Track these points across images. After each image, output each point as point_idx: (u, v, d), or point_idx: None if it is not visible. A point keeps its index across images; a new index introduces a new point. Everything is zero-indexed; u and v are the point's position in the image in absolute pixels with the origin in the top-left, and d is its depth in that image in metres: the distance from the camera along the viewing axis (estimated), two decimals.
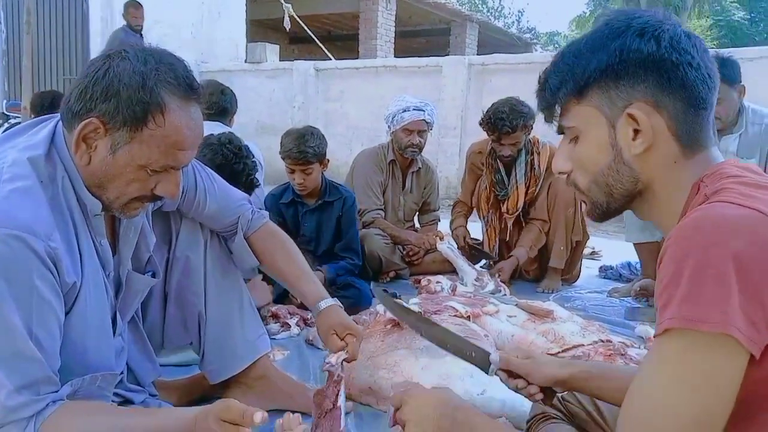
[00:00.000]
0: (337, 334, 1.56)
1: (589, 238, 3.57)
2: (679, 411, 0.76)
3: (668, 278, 0.77)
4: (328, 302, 1.62)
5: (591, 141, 0.95)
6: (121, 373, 1.42)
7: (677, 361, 0.77)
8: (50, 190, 1.18)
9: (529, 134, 3.32)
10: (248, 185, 2.49)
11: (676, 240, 0.78)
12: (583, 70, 0.92)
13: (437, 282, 2.90)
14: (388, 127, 3.56)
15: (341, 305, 1.65)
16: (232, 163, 2.36)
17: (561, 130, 1.00)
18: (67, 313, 1.20)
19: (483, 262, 3.69)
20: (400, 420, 1.12)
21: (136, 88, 1.14)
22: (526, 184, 3.39)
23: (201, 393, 1.83)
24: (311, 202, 3.02)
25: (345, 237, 3.03)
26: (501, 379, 1.30)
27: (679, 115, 0.89)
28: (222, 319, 1.69)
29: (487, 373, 1.29)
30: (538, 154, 3.38)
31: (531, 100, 3.98)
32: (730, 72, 2.78)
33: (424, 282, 2.98)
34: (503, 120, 3.18)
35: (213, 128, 3.08)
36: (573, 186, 1.01)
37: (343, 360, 1.52)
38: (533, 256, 3.46)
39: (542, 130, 1.97)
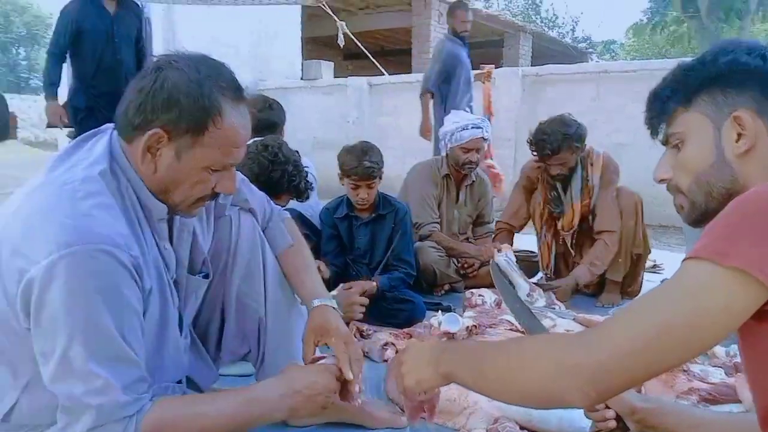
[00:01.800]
0: (315, 340, 1.57)
1: (650, 252, 3.46)
2: (663, 314, 0.84)
3: (712, 223, 0.86)
4: (323, 301, 1.62)
5: (696, 143, 1.03)
6: (179, 382, 1.47)
7: (686, 278, 0.85)
8: (120, 201, 1.24)
9: (581, 153, 3.22)
10: (297, 191, 2.43)
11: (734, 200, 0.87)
12: (695, 80, 1.02)
13: (480, 295, 2.87)
14: (444, 143, 3.55)
15: (335, 306, 1.63)
16: (269, 171, 2.31)
17: (666, 141, 1.09)
18: (144, 317, 1.27)
19: (540, 275, 3.64)
20: (398, 375, 1.18)
21: (195, 95, 1.21)
22: (581, 199, 3.30)
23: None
24: (365, 216, 3.05)
25: (398, 248, 3.03)
26: None
27: None
28: (281, 326, 1.69)
29: None
30: (592, 165, 3.28)
31: (585, 111, 3.95)
32: None
33: (467, 295, 2.95)
34: (544, 141, 3.11)
35: None
36: (674, 190, 1.09)
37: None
38: (599, 273, 3.28)
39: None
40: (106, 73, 4.45)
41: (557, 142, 3.09)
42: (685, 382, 1.91)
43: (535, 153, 3.23)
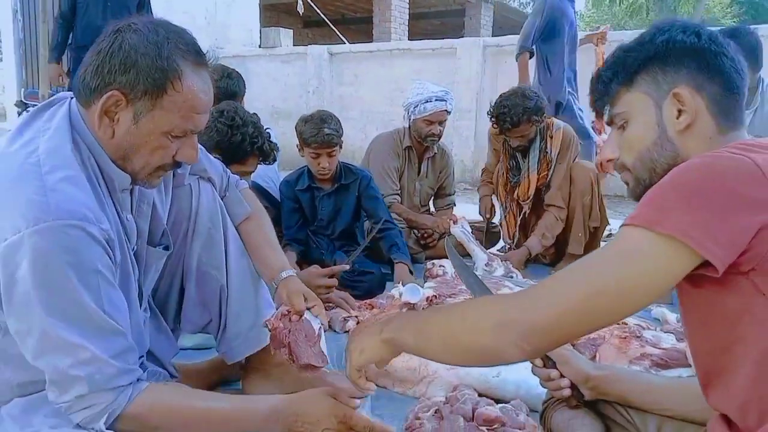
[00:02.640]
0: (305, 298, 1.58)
1: (608, 224, 3.54)
2: (597, 272, 0.89)
3: (648, 192, 0.91)
4: (289, 272, 1.63)
5: (639, 122, 1.07)
6: (141, 356, 1.45)
7: (621, 242, 0.90)
8: (84, 173, 1.21)
9: (540, 124, 3.27)
10: (262, 153, 2.34)
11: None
12: (633, 60, 1.06)
13: (440, 266, 2.90)
14: (408, 114, 3.53)
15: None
16: (230, 137, 2.24)
17: (611, 121, 1.13)
18: None
19: (502, 245, 3.69)
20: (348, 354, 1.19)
21: (153, 57, 1.18)
22: (538, 171, 3.36)
23: (219, 378, 1.85)
24: (327, 187, 3.03)
25: (371, 211, 3.05)
26: (533, 368, 1.32)
27: (716, 97, 1.02)
28: (242, 295, 1.68)
29: None
30: (551, 137, 3.33)
31: None
32: (745, 47, 2.74)
33: (428, 266, 2.99)
34: (504, 115, 3.15)
35: None
36: (620, 168, 1.12)
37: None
38: (549, 245, 3.41)
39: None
40: None
41: (517, 116, 3.12)
42: (638, 347, 1.98)
43: (495, 126, 3.26)
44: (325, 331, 1.61)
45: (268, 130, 2.45)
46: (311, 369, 1.51)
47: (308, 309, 1.56)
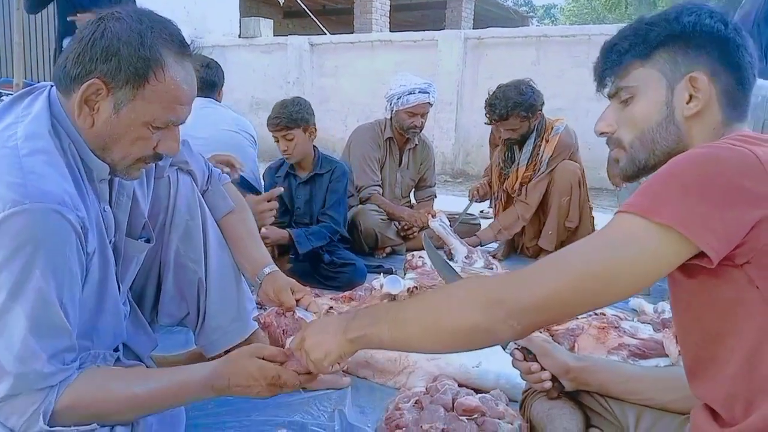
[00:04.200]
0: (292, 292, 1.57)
1: (594, 219, 3.52)
2: (589, 257, 0.89)
3: (647, 182, 0.89)
4: (273, 267, 1.63)
5: (648, 100, 1.03)
6: (116, 350, 1.43)
7: (615, 228, 0.89)
8: (64, 159, 1.19)
9: (535, 121, 3.27)
10: None
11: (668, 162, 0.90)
12: (657, 35, 1.01)
13: (420, 257, 2.91)
14: (391, 105, 3.52)
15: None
16: None
17: (613, 94, 1.08)
18: (84, 281, 1.22)
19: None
20: (301, 352, 1.15)
21: (135, 45, 1.15)
22: (526, 167, 3.37)
23: None
24: (303, 175, 3.03)
25: (327, 203, 3.02)
26: (514, 361, 1.32)
27: (729, 89, 1.00)
28: (222, 288, 1.66)
29: (504, 350, 1.32)
30: (547, 141, 3.33)
31: (527, 74, 3.89)
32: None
33: (408, 257, 2.99)
34: (494, 106, 3.17)
35: (204, 104, 3.05)
36: (615, 144, 1.09)
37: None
38: (504, 239, 3.48)
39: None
40: None
41: (505, 109, 3.14)
42: (616, 338, 2.00)
43: (486, 116, 3.27)
44: None
45: (248, 131, 2.49)
46: None
47: (297, 302, 1.55)
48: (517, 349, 1.31)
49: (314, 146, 3.03)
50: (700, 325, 0.95)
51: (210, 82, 3.35)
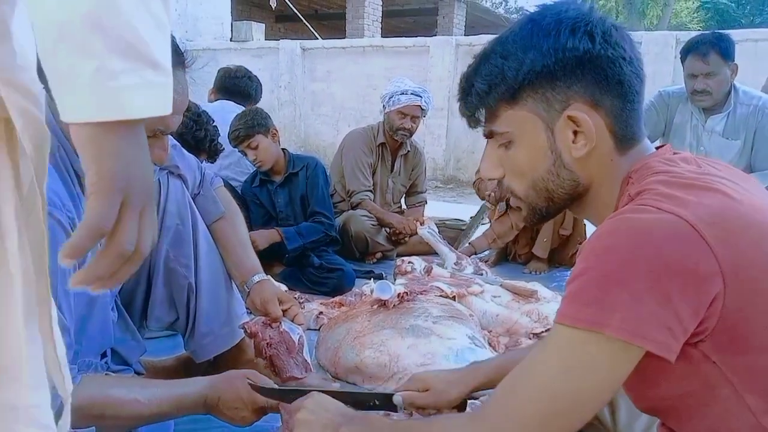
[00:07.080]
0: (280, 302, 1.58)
1: (586, 227, 3.50)
2: (551, 393, 0.80)
3: (577, 274, 0.78)
4: (263, 276, 1.64)
5: (527, 146, 0.90)
6: (104, 355, 1.42)
7: (567, 350, 0.79)
8: (54, 162, 1.18)
9: None
10: (212, 151, 2.53)
11: (593, 243, 0.79)
12: (516, 73, 0.87)
13: (410, 263, 2.91)
14: (383, 106, 3.55)
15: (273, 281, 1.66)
16: (194, 130, 2.37)
17: (487, 136, 0.96)
18: None
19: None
20: (292, 420, 1.12)
21: None
22: None
23: (187, 375, 1.81)
24: (278, 178, 3.04)
25: (311, 201, 3.02)
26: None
27: (616, 112, 0.87)
28: (213, 293, 1.65)
29: (397, 412, 1.29)
30: None
31: None
32: (726, 47, 2.79)
33: (398, 262, 2.99)
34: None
35: (232, 109, 3.15)
36: (509, 192, 0.97)
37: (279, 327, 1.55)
38: (497, 247, 3.51)
39: None
40: None
41: None
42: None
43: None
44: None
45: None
46: (295, 380, 1.51)
47: (284, 312, 1.55)
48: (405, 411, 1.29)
49: (283, 149, 3.06)
50: (650, 395, 0.88)
51: (246, 93, 3.48)
